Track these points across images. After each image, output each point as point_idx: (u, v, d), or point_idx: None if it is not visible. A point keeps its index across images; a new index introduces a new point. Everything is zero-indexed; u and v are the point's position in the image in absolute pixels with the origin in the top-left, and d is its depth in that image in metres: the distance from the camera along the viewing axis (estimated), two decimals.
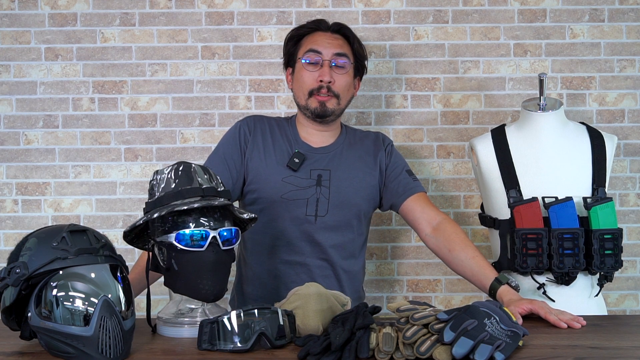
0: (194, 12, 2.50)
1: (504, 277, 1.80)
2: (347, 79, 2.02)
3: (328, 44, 2.00)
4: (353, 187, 2.00)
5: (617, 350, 1.42)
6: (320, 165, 2.01)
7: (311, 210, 1.96)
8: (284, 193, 1.96)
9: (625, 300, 2.50)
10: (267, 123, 2.08)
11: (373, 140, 2.11)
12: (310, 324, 1.50)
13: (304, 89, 2.00)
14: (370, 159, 2.06)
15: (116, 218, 2.49)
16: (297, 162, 1.98)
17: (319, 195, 1.97)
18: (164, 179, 1.55)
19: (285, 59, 2.10)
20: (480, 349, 1.29)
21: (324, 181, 1.98)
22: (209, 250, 1.49)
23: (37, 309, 1.36)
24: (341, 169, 2.01)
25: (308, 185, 1.97)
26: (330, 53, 1.99)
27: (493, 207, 2.03)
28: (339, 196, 1.97)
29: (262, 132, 2.04)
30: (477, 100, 2.50)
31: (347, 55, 2.02)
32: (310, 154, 2.02)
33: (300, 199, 1.96)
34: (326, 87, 1.98)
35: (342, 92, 2.00)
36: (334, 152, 2.05)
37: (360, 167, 2.04)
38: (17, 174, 2.49)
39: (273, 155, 2.01)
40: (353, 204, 1.99)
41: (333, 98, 1.99)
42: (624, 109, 2.49)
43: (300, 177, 1.98)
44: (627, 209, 2.50)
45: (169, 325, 1.55)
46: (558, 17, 2.49)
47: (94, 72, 2.49)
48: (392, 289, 2.51)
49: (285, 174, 1.98)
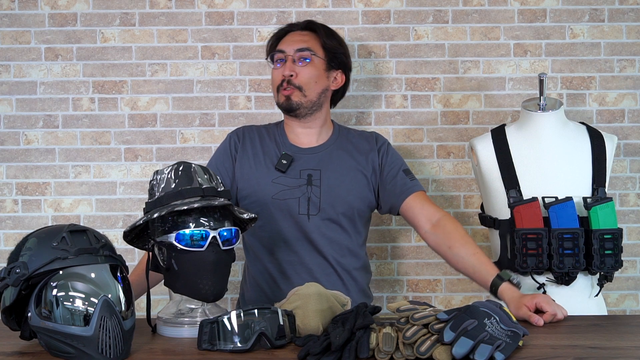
0: (194, 12, 2.50)
1: (505, 274, 1.80)
2: (310, 71, 2.03)
3: (292, 42, 2.06)
4: (345, 186, 2.01)
5: (617, 350, 1.42)
6: (310, 165, 2.03)
7: (303, 209, 1.98)
8: (274, 194, 1.98)
9: (625, 300, 2.50)
10: (257, 131, 2.12)
11: (366, 140, 2.12)
12: (310, 324, 1.50)
13: (273, 86, 2.08)
14: (362, 158, 2.07)
15: (116, 218, 2.49)
16: (284, 163, 2.01)
17: (310, 194, 1.99)
18: (164, 179, 1.55)
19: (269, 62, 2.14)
20: (480, 349, 1.29)
21: (315, 180, 2.00)
22: (209, 250, 1.50)
23: (37, 309, 1.36)
24: (331, 168, 2.03)
25: (298, 184, 2.00)
26: (292, 49, 2.04)
27: (493, 207, 2.03)
28: (330, 195, 1.99)
29: (251, 140, 2.08)
30: (477, 100, 2.50)
31: (311, 49, 2.05)
32: (299, 155, 2.04)
33: (290, 198, 1.98)
34: (287, 80, 2.02)
35: (304, 83, 2.02)
36: (323, 152, 2.06)
37: (352, 166, 2.05)
38: (17, 174, 2.49)
39: (262, 160, 2.04)
40: (345, 202, 2.00)
41: (295, 90, 2.02)
42: (624, 109, 2.49)
43: (290, 177, 2.01)
44: (627, 209, 2.49)
45: (169, 325, 1.55)
46: (558, 17, 2.49)
47: (94, 72, 2.49)
48: (392, 289, 2.51)
49: (274, 176, 2.01)
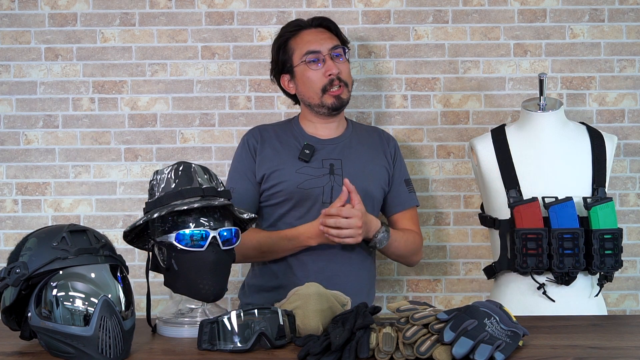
0: (194, 12, 2.50)
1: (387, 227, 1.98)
2: (348, 66, 2.09)
3: (321, 39, 2.05)
4: (365, 176, 2.04)
5: (617, 350, 1.42)
6: (331, 155, 2.06)
7: (327, 197, 2.00)
8: (299, 183, 2.00)
9: (625, 300, 2.50)
10: (271, 129, 2.13)
11: (378, 135, 2.18)
12: (310, 324, 1.50)
13: (315, 88, 2.03)
14: (378, 151, 2.12)
15: (116, 218, 2.49)
16: (307, 153, 2.03)
17: (333, 183, 2.02)
18: (164, 179, 1.55)
19: (279, 67, 2.11)
20: (480, 349, 1.29)
21: (337, 170, 2.03)
22: (209, 250, 1.50)
23: (37, 309, 1.36)
24: (352, 158, 2.06)
25: (322, 174, 2.02)
26: (326, 47, 2.04)
27: (493, 207, 2.03)
28: (352, 183, 1.99)
29: (269, 138, 2.09)
30: (477, 100, 2.50)
31: (339, 44, 2.07)
32: (320, 146, 2.07)
33: (315, 187, 2.00)
34: (337, 77, 2.02)
35: (348, 80, 2.07)
36: (343, 143, 2.09)
37: (370, 159, 2.09)
38: (17, 174, 2.49)
39: (284, 153, 2.05)
40: (366, 191, 2.02)
41: (344, 87, 2.05)
42: (624, 109, 2.49)
43: (313, 167, 2.03)
44: (627, 209, 2.49)
45: (169, 325, 1.55)
46: (558, 17, 2.49)
47: (94, 72, 2.49)
48: (392, 289, 2.51)
49: (298, 166, 2.02)
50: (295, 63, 2.05)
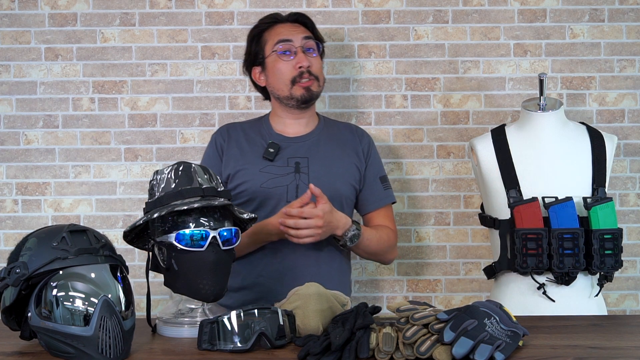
0: (194, 12, 2.50)
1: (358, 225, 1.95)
2: (319, 61, 2.07)
3: (294, 32, 2.04)
4: (332, 174, 2.02)
5: (617, 350, 1.42)
6: (297, 154, 2.04)
7: (292, 196, 1.97)
8: (262, 182, 1.99)
9: (625, 300, 2.50)
10: (240, 127, 2.12)
11: (350, 131, 2.14)
12: (310, 324, 1.50)
13: (284, 79, 2.02)
14: (349, 147, 2.09)
15: (116, 218, 2.49)
16: (272, 151, 2.01)
17: (299, 181, 1.99)
18: (164, 179, 1.55)
19: (251, 58, 2.10)
20: (480, 349, 1.29)
21: (303, 168, 2.01)
22: (209, 250, 1.50)
23: (37, 309, 1.36)
24: (319, 156, 2.04)
25: (286, 172, 2.00)
26: (299, 39, 2.02)
27: (493, 207, 2.02)
28: (318, 182, 1.96)
29: (236, 136, 2.08)
30: (477, 100, 2.50)
31: (312, 37, 2.06)
32: (286, 144, 2.05)
33: (279, 186, 1.98)
34: (307, 71, 2.00)
35: (319, 73, 2.04)
36: (311, 140, 2.07)
37: (339, 156, 2.06)
38: (17, 174, 2.49)
39: (249, 152, 2.04)
40: (334, 189, 2.00)
41: (314, 81, 2.02)
42: (624, 109, 2.49)
43: (278, 165, 2.01)
44: (627, 209, 2.50)
45: (169, 325, 1.55)
46: (558, 17, 2.49)
47: (94, 72, 2.50)
48: (392, 289, 2.51)
49: (262, 165, 2.01)
50: (267, 54, 2.04)
